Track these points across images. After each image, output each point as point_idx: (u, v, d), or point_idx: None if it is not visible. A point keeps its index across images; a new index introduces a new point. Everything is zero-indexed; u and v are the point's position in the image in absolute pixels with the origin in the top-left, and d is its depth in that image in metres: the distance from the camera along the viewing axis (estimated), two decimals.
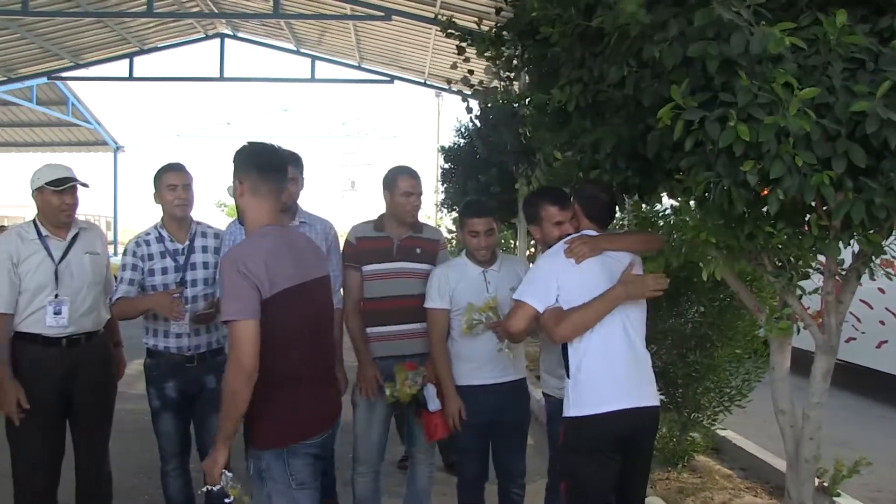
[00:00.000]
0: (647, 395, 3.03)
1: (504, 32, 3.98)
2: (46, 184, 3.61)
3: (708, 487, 4.89)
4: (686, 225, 3.61)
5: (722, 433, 5.63)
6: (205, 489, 2.65)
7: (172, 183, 3.79)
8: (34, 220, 3.75)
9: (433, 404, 3.62)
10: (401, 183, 3.80)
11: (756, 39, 2.23)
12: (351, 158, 46.65)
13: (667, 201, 4.28)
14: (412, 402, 3.67)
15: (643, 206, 4.74)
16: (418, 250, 3.85)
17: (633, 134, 2.92)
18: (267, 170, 2.72)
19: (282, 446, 2.67)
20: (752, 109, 2.22)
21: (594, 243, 3.05)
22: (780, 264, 3.07)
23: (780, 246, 2.97)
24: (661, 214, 5.04)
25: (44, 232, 3.69)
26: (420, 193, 3.86)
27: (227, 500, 2.61)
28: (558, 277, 2.99)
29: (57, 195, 3.63)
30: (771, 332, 3.13)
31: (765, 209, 2.52)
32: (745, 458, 5.49)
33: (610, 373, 2.92)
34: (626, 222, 5.42)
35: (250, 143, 2.84)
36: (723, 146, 2.25)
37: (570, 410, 2.96)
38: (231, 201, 3.89)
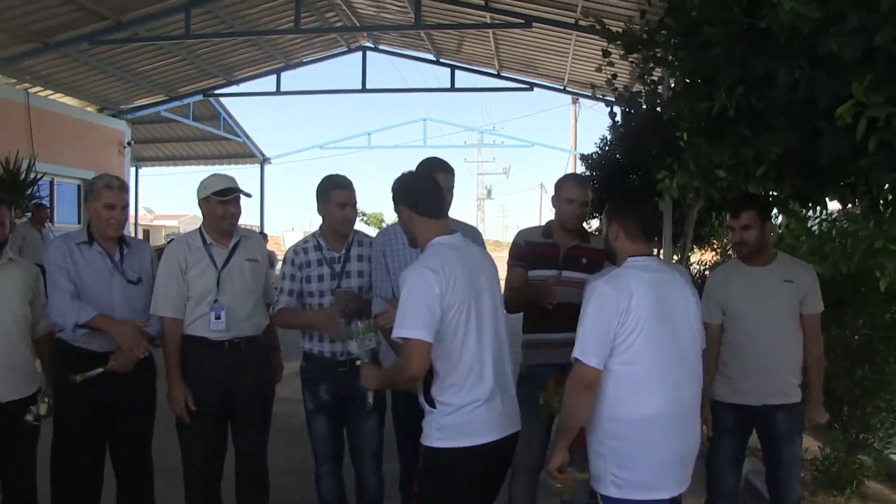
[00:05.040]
0: None
1: (661, 31, 3.82)
2: (213, 194, 3.79)
3: None
4: (857, 233, 3.38)
5: None
6: None
7: (342, 201, 3.85)
8: (200, 229, 3.94)
9: None
10: (565, 190, 3.82)
11: None
12: (487, 167, 47.00)
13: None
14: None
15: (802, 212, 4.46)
16: (584, 260, 3.81)
17: (800, 140, 2.74)
18: None
19: None
20: None
21: None
22: None
23: None
24: (818, 221, 4.75)
25: (208, 240, 3.88)
26: (585, 202, 3.84)
27: None
28: None
29: (222, 205, 3.81)
30: None
31: None
32: None
33: None
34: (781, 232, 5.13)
35: None
36: None
37: None
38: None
